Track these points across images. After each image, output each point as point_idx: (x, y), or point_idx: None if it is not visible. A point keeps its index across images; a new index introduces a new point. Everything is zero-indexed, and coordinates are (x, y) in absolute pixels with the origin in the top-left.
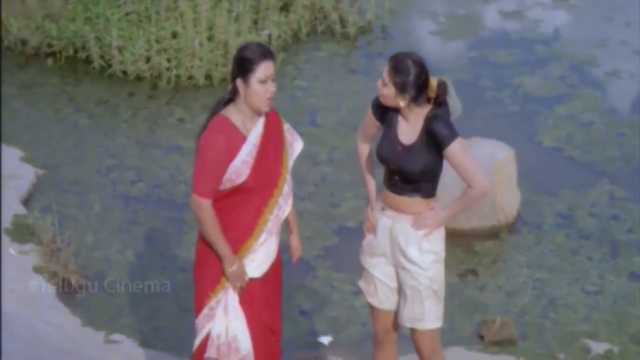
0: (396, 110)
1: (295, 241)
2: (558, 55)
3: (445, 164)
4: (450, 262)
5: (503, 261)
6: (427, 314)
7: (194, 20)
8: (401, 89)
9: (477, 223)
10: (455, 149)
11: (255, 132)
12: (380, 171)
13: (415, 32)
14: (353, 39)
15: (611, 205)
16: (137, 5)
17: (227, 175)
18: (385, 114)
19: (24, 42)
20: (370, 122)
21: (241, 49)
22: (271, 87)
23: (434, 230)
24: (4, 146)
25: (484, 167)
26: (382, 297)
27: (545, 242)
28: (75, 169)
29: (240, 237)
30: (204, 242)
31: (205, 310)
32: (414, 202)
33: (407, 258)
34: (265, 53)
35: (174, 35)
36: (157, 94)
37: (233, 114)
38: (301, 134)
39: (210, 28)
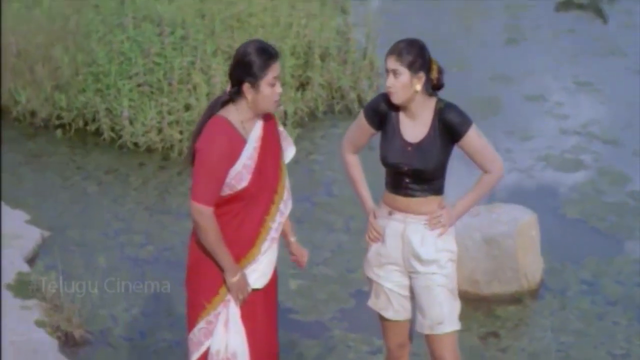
0: (396, 111)
1: (296, 247)
2: (582, 134)
3: None
4: (471, 325)
5: (526, 325)
6: (446, 317)
7: (207, 94)
8: (414, 67)
9: (499, 288)
10: (472, 136)
11: (254, 135)
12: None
13: None
14: None
15: (638, 272)
16: (149, 76)
17: (227, 180)
18: (382, 119)
19: (33, 114)
20: (364, 131)
21: (245, 52)
22: (278, 87)
23: (448, 228)
24: (8, 209)
25: (505, 230)
26: (397, 307)
27: (570, 308)
28: (81, 232)
29: (243, 247)
30: (199, 248)
31: (202, 324)
32: (427, 201)
33: (420, 260)
34: (273, 55)
35: (187, 107)
36: (169, 165)
37: (232, 115)
38: (317, 204)
39: None
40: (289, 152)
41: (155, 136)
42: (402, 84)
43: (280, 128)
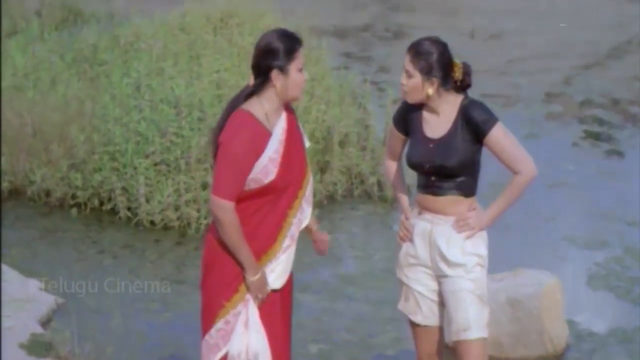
0: (419, 110)
1: (318, 234)
2: (600, 214)
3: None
4: None
5: None
6: (472, 322)
7: None
8: (427, 72)
9: (524, 352)
10: (498, 133)
11: (279, 127)
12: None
13: None
14: (391, 202)
15: None
16: (166, 155)
17: (252, 175)
18: (407, 123)
19: (48, 193)
20: (397, 138)
21: (270, 40)
22: (306, 73)
23: (477, 232)
24: (21, 277)
25: (530, 292)
26: (427, 312)
27: None
28: (97, 299)
29: (264, 243)
30: (218, 245)
31: (220, 324)
32: (454, 201)
33: (447, 262)
34: (299, 40)
35: (204, 186)
36: (185, 241)
37: (256, 108)
38: (337, 276)
39: None
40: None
41: (172, 214)
42: (413, 85)
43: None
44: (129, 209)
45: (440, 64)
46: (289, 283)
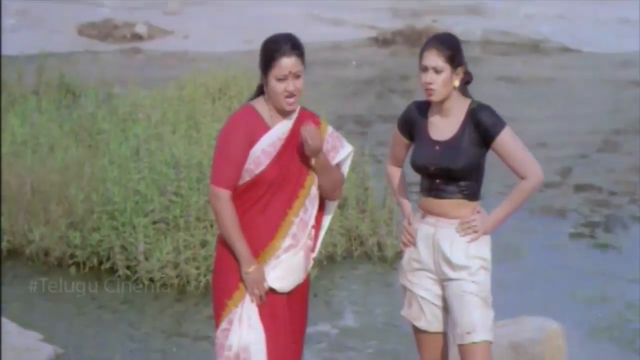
0: (424, 113)
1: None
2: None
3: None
4: None
5: None
6: (477, 325)
7: None
8: (455, 61)
9: None
10: (506, 137)
11: (283, 126)
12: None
13: None
14: (391, 262)
15: None
16: (165, 214)
17: (245, 166)
18: (412, 128)
19: (46, 252)
20: (400, 143)
21: (267, 40)
22: (291, 85)
23: (481, 235)
24: (20, 329)
25: (533, 337)
26: (430, 318)
27: None
28: (96, 351)
29: (261, 239)
30: (223, 246)
31: (224, 324)
32: (458, 204)
33: (451, 265)
34: (287, 49)
35: (203, 244)
36: (185, 297)
37: (261, 104)
38: (338, 328)
39: None
40: (342, 151)
41: (172, 271)
42: (444, 80)
43: (330, 130)
44: (128, 267)
45: (461, 54)
46: (302, 294)
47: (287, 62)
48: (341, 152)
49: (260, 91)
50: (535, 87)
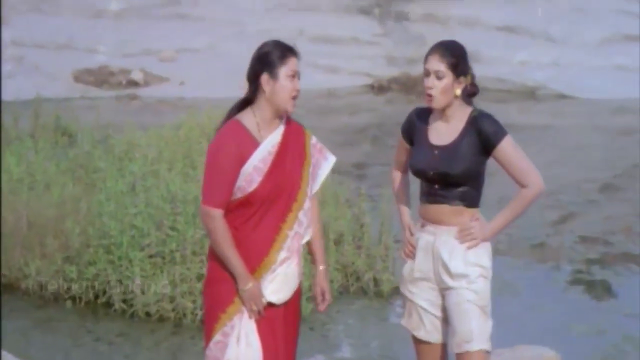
0: (426, 119)
1: (322, 279)
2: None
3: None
4: None
5: None
6: (475, 335)
7: None
8: (458, 68)
9: None
10: (507, 146)
11: (272, 140)
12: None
13: None
14: (387, 297)
15: None
16: (161, 247)
17: (238, 183)
18: (413, 133)
19: (42, 286)
20: (404, 148)
21: (263, 46)
22: (297, 84)
23: (480, 242)
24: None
25: None
26: (430, 328)
27: None
28: None
29: (257, 255)
30: (215, 258)
31: (218, 336)
32: (457, 211)
33: (450, 274)
34: (292, 49)
35: (199, 277)
36: (181, 331)
37: (247, 118)
38: (333, 359)
39: None
40: (325, 164)
41: (168, 305)
42: (444, 86)
43: (314, 141)
44: (124, 301)
45: (465, 63)
46: (295, 301)
47: (294, 61)
48: (324, 166)
49: (245, 103)
50: (532, 134)
